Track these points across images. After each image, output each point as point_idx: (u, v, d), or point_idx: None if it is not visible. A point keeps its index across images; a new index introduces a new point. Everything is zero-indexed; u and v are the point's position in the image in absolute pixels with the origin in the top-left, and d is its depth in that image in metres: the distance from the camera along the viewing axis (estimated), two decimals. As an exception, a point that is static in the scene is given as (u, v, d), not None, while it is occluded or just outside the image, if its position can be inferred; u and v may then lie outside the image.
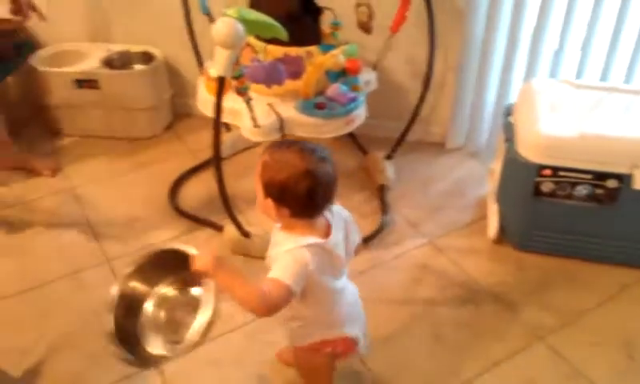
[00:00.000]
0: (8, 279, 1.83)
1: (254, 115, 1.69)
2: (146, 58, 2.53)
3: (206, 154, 2.45)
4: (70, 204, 2.17)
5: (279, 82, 1.67)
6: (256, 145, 2.05)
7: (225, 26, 1.38)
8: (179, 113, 2.72)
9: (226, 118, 1.87)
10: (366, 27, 1.98)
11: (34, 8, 2.06)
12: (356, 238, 1.25)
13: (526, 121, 1.86)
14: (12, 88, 2.47)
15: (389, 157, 2.37)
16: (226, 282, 1.07)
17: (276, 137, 1.79)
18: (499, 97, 2.36)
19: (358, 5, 1.97)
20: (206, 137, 2.53)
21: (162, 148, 2.52)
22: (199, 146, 2.52)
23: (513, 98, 2.26)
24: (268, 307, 1.04)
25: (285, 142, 1.10)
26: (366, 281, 1.86)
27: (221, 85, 1.48)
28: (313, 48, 1.84)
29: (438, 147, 2.54)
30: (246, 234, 1.91)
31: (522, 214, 1.92)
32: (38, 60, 2.45)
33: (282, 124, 1.78)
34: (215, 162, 1.66)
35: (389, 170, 2.31)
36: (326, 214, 1.14)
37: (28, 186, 2.26)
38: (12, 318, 1.71)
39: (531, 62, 2.24)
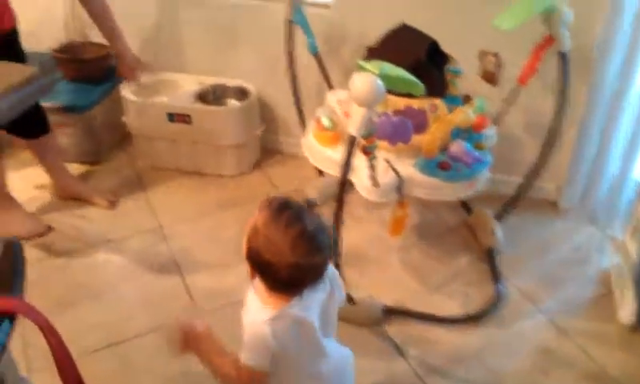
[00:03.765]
0: (94, 330, 1.71)
1: (374, 175, 1.52)
2: (240, 92, 2.41)
3: (297, 196, 2.30)
4: (158, 245, 2.04)
5: (405, 141, 1.50)
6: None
7: (365, 83, 1.21)
8: (268, 149, 2.59)
9: (333, 170, 1.71)
10: (491, 78, 1.79)
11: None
12: (341, 295, 1.15)
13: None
14: (100, 113, 2.38)
15: (499, 216, 2.15)
16: (209, 359, 1.06)
17: (393, 198, 1.62)
18: (625, 158, 2.10)
19: (484, 54, 1.78)
20: (294, 176, 2.41)
21: (249, 187, 2.38)
22: (288, 186, 2.38)
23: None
24: None
25: (286, 214, 0.97)
26: (479, 365, 1.65)
27: (352, 145, 1.31)
28: (437, 101, 1.66)
29: (550, 206, 2.30)
30: (349, 299, 1.73)
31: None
32: (128, 88, 2.36)
33: (400, 184, 1.60)
34: (334, 234, 1.49)
35: (498, 231, 2.09)
36: None
37: (114, 221, 2.16)
38: (95, 376, 1.56)
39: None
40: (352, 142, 1.31)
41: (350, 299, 1.73)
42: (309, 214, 1.00)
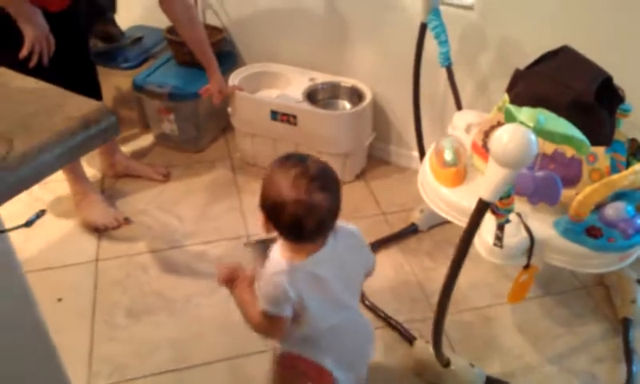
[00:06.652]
0: (163, 347, 1.59)
1: (500, 235, 1.23)
2: (354, 93, 2.16)
3: (400, 217, 2.06)
4: (242, 257, 1.87)
5: (551, 202, 1.18)
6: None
7: (515, 140, 0.92)
8: (375, 157, 2.34)
9: (451, 216, 1.43)
10: (672, 124, 1.40)
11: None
12: (369, 263, 1.18)
13: None
14: (205, 101, 2.22)
15: (644, 281, 1.76)
16: (240, 299, 1.12)
17: (519, 262, 1.31)
18: None
19: (668, 92, 1.39)
20: (402, 194, 2.15)
21: (350, 201, 2.14)
22: (393, 206, 2.12)
23: None
24: (264, 334, 1.12)
25: (291, 159, 1.02)
26: None
27: (482, 211, 1.03)
28: (598, 150, 1.31)
29: None
30: (444, 362, 1.46)
31: None
32: (236, 78, 2.20)
33: (531, 246, 1.29)
34: (447, 293, 1.22)
35: (641, 299, 1.71)
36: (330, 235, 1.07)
37: (202, 223, 2.01)
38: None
39: None
40: (482, 209, 1.02)
41: (445, 362, 1.46)
42: (314, 160, 1.02)
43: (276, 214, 1.01)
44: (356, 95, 2.16)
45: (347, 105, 2.19)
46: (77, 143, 0.74)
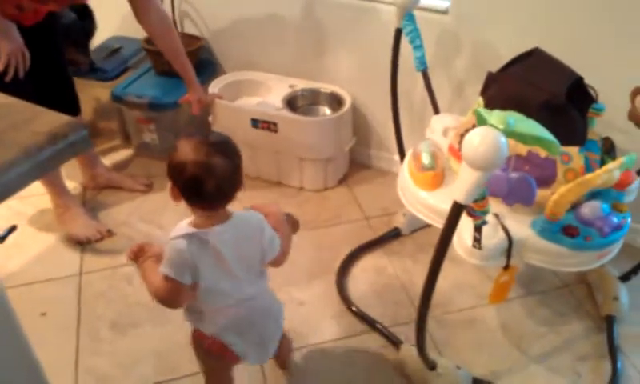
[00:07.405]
0: (148, 359, 1.58)
1: (478, 236, 1.24)
2: (334, 99, 2.17)
3: (383, 221, 2.07)
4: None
5: (526, 203, 1.19)
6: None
7: (484, 143, 0.93)
8: (356, 162, 2.35)
9: (431, 219, 1.45)
10: (643, 122, 1.42)
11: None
12: (269, 249, 1.17)
13: None
14: (185, 110, 2.20)
15: (626, 276, 1.77)
16: (144, 270, 1.14)
17: (499, 263, 1.32)
18: None
19: (638, 92, 1.41)
20: (384, 198, 2.16)
21: (333, 206, 2.15)
22: (375, 210, 2.13)
23: None
24: (161, 300, 1.11)
25: (196, 132, 1.10)
26: None
27: (457, 213, 1.04)
28: (572, 149, 1.33)
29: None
30: (431, 366, 1.47)
31: None
32: (216, 86, 2.20)
33: (510, 246, 1.30)
34: (425, 301, 1.23)
35: (623, 296, 1.73)
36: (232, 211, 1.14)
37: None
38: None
39: None
40: (457, 211, 1.03)
41: (432, 365, 1.47)
42: (217, 133, 1.11)
43: (179, 176, 1.06)
44: (336, 101, 2.17)
45: (327, 111, 2.21)
46: (45, 158, 0.74)
